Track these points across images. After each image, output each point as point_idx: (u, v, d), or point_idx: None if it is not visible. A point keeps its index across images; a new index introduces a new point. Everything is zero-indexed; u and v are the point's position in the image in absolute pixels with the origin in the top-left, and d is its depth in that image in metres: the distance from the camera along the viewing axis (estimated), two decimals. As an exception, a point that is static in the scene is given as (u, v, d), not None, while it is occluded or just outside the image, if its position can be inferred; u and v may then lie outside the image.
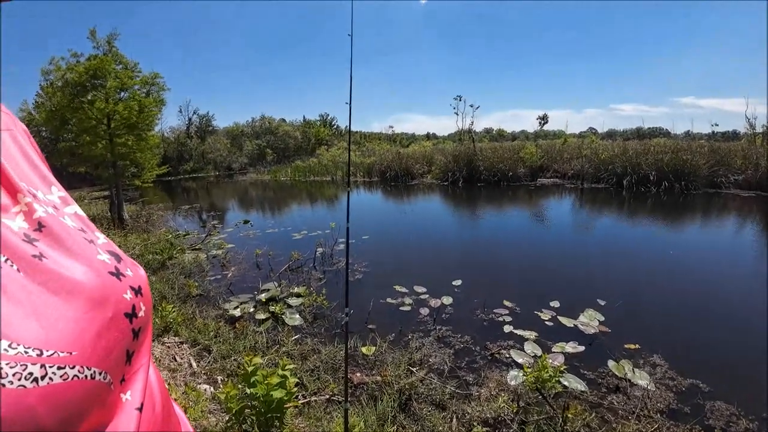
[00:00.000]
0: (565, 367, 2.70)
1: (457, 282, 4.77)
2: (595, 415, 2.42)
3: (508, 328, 3.63)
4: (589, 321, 3.73)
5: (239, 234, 7.96)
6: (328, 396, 2.59)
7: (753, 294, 4.43)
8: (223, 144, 27.87)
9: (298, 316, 3.90)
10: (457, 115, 19.07)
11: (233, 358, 3.04)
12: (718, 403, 2.57)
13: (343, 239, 5.39)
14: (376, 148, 26.21)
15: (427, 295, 4.41)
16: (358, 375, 2.86)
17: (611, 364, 3.01)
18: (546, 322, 3.74)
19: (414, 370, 2.89)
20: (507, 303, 4.13)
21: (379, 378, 2.75)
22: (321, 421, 2.31)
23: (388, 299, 4.33)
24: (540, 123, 19.01)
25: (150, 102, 9.10)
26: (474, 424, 2.31)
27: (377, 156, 20.15)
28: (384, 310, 4.11)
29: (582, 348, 3.27)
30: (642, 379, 2.82)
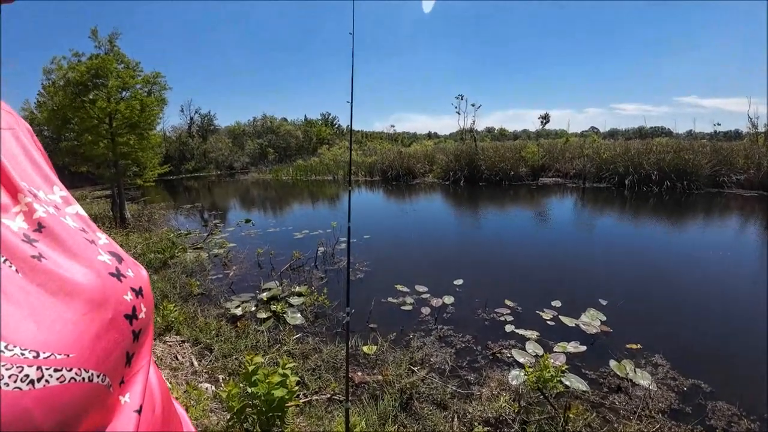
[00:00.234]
0: (566, 366, 2.70)
1: (459, 281, 4.76)
2: (596, 415, 2.42)
3: (509, 328, 3.63)
4: (591, 321, 3.72)
5: (241, 233, 7.96)
6: (329, 395, 2.59)
7: (755, 294, 4.42)
8: (224, 143, 27.89)
9: (299, 315, 3.90)
10: (459, 114, 19.03)
11: (234, 357, 3.04)
12: (719, 404, 2.56)
13: (345, 238, 5.39)
14: (377, 147, 26.23)
15: (429, 295, 4.40)
16: (360, 374, 2.86)
17: (613, 364, 3.00)
18: (547, 322, 3.74)
19: (415, 369, 2.89)
20: (508, 302, 4.12)
21: (380, 377, 2.75)
22: (322, 420, 2.31)
23: (390, 298, 4.32)
24: (542, 122, 18.93)
25: (151, 101, 9.10)
26: (475, 424, 2.31)
27: (379, 155, 20.14)
28: (385, 309, 4.10)
29: (583, 348, 3.26)
30: (644, 379, 2.81)
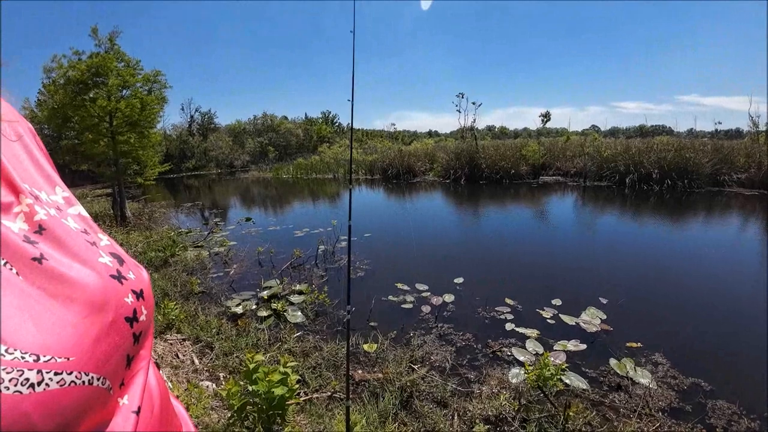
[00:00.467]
0: (566, 365, 2.70)
1: (459, 280, 4.76)
2: (596, 413, 2.42)
3: (509, 326, 3.63)
4: (591, 319, 3.72)
5: (241, 231, 7.96)
6: (329, 393, 2.60)
7: (755, 293, 4.41)
8: (225, 141, 27.89)
9: (300, 314, 3.91)
10: (459, 112, 19.06)
11: (235, 355, 3.05)
12: (719, 402, 2.56)
13: (345, 237, 5.39)
14: (378, 145, 26.23)
15: (429, 293, 4.41)
16: (360, 372, 2.87)
17: (613, 362, 3.00)
18: (548, 320, 3.74)
19: (415, 367, 2.90)
20: (509, 301, 4.12)
21: (380, 375, 2.75)
22: (323, 418, 2.31)
23: (390, 297, 4.33)
24: (542, 120, 18.86)
25: (152, 99, 9.08)
26: (475, 422, 2.31)
27: (379, 153, 20.16)
28: (386, 307, 4.11)
29: (584, 346, 3.27)
30: (644, 377, 2.81)
